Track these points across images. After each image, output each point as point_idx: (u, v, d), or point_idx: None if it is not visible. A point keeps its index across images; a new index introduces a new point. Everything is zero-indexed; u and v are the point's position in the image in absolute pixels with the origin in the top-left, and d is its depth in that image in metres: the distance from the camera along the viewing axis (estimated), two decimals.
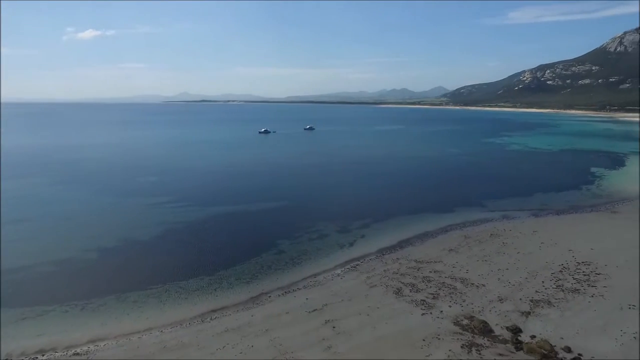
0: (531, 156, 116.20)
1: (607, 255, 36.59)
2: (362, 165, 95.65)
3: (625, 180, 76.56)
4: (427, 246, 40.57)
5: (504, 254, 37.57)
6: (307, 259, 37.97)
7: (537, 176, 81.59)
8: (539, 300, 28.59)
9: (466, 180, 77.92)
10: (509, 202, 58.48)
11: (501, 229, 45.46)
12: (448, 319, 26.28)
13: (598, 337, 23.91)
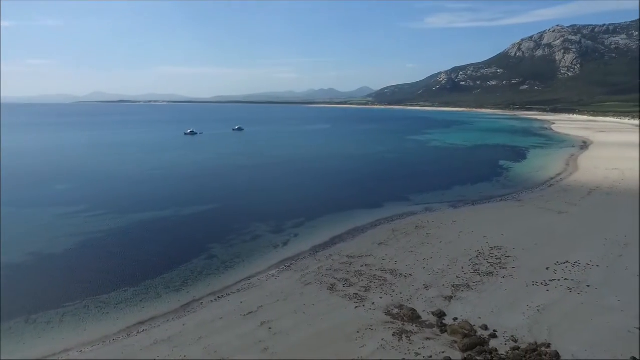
0: (449, 152, 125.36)
1: (514, 239, 40.70)
2: (293, 165, 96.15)
3: (527, 171, 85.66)
4: (358, 241, 41.92)
5: (428, 244, 40.08)
6: (240, 262, 37.28)
7: (454, 170, 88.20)
8: (460, 284, 30.98)
9: (392, 176, 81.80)
10: (431, 196, 62.50)
11: (425, 220, 48.42)
12: (380, 309, 27.43)
13: (509, 313, 26.53)
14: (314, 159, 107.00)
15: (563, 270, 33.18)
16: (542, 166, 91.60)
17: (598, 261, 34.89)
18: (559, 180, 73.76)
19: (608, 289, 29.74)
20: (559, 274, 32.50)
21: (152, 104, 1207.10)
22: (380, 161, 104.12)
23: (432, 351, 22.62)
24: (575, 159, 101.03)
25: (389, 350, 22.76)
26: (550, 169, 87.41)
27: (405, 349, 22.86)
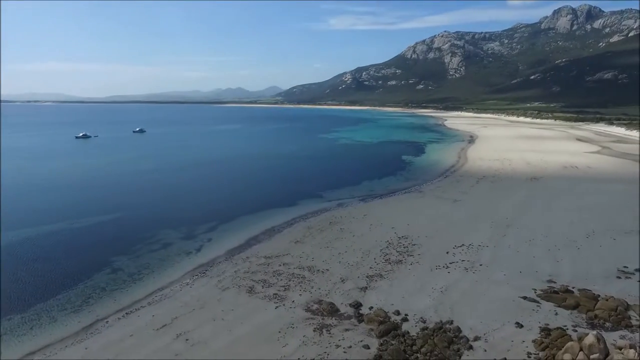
0: (357, 148, 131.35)
1: (419, 228, 44.19)
2: (203, 167, 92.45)
3: (426, 165, 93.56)
4: (274, 241, 41.87)
5: (342, 238, 41.61)
6: (149, 273, 34.82)
7: (363, 166, 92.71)
8: (373, 275, 32.73)
9: (305, 174, 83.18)
10: (342, 192, 64.88)
11: (338, 216, 50.14)
12: (300, 307, 27.79)
13: (417, 297, 28.79)
14: (225, 160, 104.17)
15: (460, 253, 36.94)
16: (438, 159, 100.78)
17: (487, 242, 39.53)
18: (453, 172, 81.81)
19: (496, 266, 33.87)
20: (457, 256, 36.11)
21: (34, 104, 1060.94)
22: (293, 160, 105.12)
23: (351, 341, 23.60)
24: (464, 152, 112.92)
25: (311, 346, 23.20)
26: (445, 161, 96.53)
27: (326, 343, 23.50)
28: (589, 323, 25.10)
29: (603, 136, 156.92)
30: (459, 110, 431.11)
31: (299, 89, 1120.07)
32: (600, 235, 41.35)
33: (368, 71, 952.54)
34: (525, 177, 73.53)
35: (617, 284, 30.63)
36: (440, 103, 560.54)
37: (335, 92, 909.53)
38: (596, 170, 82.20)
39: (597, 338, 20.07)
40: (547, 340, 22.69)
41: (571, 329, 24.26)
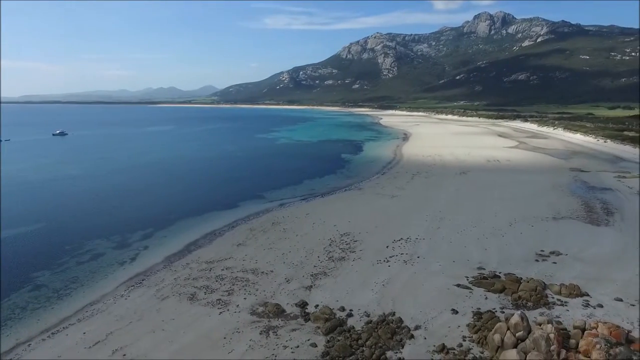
0: (297, 148, 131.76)
1: (359, 224, 45.40)
2: (134, 171, 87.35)
3: (364, 162, 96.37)
4: (216, 245, 40.75)
5: (286, 238, 41.55)
6: (78, 287, 32.23)
7: (303, 165, 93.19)
8: (317, 273, 33.09)
9: (245, 175, 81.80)
10: (284, 191, 64.75)
11: (280, 216, 49.97)
12: (245, 311, 27.34)
13: (361, 292, 29.60)
14: (159, 163, 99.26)
15: (399, 246, 38.55)
16: (376, 157, 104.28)
17: (423, 235, 41.65)
18: (390, 168, 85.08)
19: (432, 257, 35.82)
20: (396, 250, 37.64)
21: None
22: (231, 161, 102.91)
23: (298, 341, 23.69)
24: (400, 149, 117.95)
25: (258, 349, 22.94)
26: (382, 159, 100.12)
27: (274, 344, 23.37)
28: (514, 304, 27.45)
29: (519, 132, 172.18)
30: (393, 109, 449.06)
31: (236, 88, 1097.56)
32: (520, 223, 45.34)
33: (305, 71, 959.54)
34: (454, 172, 78.47)
35: (535, 266, 33.82)
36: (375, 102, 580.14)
37: (273, 91, 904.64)
38: (515, 163, 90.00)
39: (521, 317, 22.03)
40: (479, 323, 24.48)
41: (499, 311, 26.37)
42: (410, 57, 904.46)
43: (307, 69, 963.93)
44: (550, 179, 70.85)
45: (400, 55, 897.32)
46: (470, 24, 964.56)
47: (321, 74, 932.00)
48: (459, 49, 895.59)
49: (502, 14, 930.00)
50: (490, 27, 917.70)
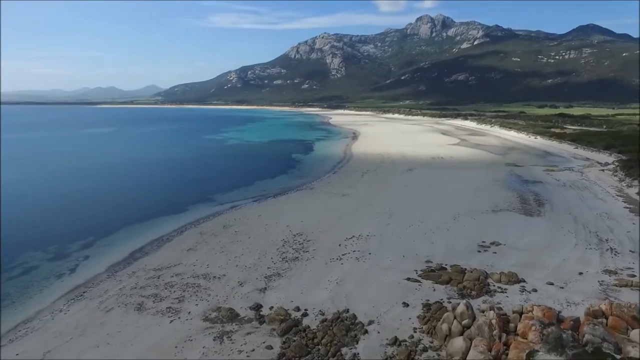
0: (247, 148, 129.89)
1: (312, 224, 45.67)
2: (70, 177, 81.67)
3: (315, 162, 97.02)
4: (164, 251, 39.20)
5: (238, 241, 40.87)
6: (9, 305, 29.61)
7: (254, 166, 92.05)
8: (271, 274, 32.89)
9: (194, 178, 79.29)
10: (235, 193, 63.59)
11: (232, 219, 49.04)
12: (197, 317, 26.57)
13: (315, 291, 29.83)
14: (98, 167, 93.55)
15: (351, 244, 39.26)
16: (327, 156, 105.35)
17: (374, 232, 42.72)
18: (340, 167, 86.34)
19: (383, 253, 36.86)
20: (348, 248, 38.31)
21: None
22: (179, 163, 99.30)
23: (254, 344, 23.42)
24: (349, 147, 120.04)
25: (212, 356, 22.41)
26: (333, 158, 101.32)
27: (228, 350, 22.94)
28: (459, 294, 28.97)
29: (461, 130, 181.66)
30: (342, 109, 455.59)
31: (182, 88, 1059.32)
32: (463, 216, 47.87)
33: (253, 70, 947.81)
34: (402, 169, 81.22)
35: (478, 257, 35.90)
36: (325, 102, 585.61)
37: (220, 91, 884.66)
38: (457, 159, 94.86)
39: (466, 306, 23.30)
40: (429, 314, 25.58)
41: (446, 301, 27.71)
42: (358, 58, 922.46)
43: (256, 69, 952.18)
44: (489, 174, 75.43)
45: (347, 55, 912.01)
46: (413, 26, 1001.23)
47: (270, 74, 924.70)
48: (404, 50, 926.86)
49: (442, 17, 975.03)
50: (432, 29, 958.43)
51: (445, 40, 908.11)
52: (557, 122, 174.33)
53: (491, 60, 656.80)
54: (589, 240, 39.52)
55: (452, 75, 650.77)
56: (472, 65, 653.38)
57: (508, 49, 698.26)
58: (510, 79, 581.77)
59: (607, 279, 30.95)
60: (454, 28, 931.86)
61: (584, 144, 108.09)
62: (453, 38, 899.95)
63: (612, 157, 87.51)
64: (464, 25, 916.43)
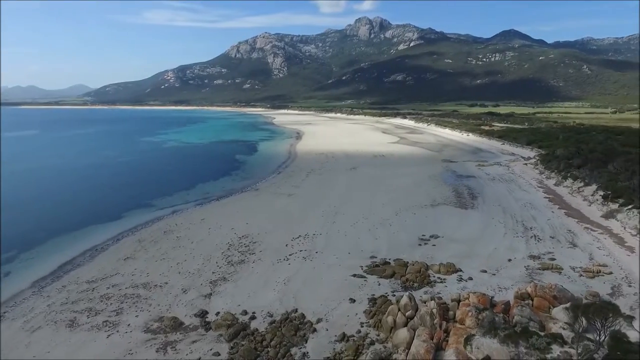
0: (188, 151, 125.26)
1: (258, 225, 45.14)
2: None
3: (260, 163, 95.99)
4: (98, 262, 36.71)
5: (180, 247, 39.33)
6: None
7: (196, 168, 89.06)
8: (217, 279, 32.04)
9: (131, 182, 75.02)
10: (176, 197, 61.06)
11: (173, 224, 47.08)
12: (138, 329, 25.21)
13: (263, 293, 29.53)
14: (19, 173, 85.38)
15: (298, 243, 39.34)
16: (271, 156, 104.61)
17: (320, 230, 43.15)
18: (285, 168, 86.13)
19: (329, 251, 37.35)
20: (295, 247, 38.35)
21: None
22: (114, 168, 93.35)
23: (200, 352, 22.69)
24: (294, 147, 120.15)
25: None
26: (277, 158, 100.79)
27: None
28: (403, 286, 30.13)
29: (400, 128, 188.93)
30: (286, 108, 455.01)
31: (114, 88, 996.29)
32: (404, 212, 49.84)
33: (192, 70, 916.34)
34: (345, 168, 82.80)
35: (419, 250, 37.57)
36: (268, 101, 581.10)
37: (157, 91, 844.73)
38: (397, 157, 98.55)
39: (409, 298, 24.32)
40: (374, 308, 26.36)
41: (391, 294, 28.70)
42: (299, 58, 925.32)
43: (195, 68, 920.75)
44: (427, 170, 79.19)
45: (289, 55, 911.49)
46: (352, 27, 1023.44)
47: (210, 73, 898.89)
48: (344, 50, 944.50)
49: (380, 19, 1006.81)
50: (370, 31, 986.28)
51: (383, 41, 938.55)
52: (486, 120, 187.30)
53: (426, 61, 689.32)
54: (516, 229, 42.91)
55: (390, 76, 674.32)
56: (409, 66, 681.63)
57: (441, 50, 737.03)
58: (443, 79, 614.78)
59: (532, 263, 33.82)
60: (390, 30, 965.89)
61: (510, 140, 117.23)
62: (390, 40, 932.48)
63: (533, 152, 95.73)
64: (400, 27, 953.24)
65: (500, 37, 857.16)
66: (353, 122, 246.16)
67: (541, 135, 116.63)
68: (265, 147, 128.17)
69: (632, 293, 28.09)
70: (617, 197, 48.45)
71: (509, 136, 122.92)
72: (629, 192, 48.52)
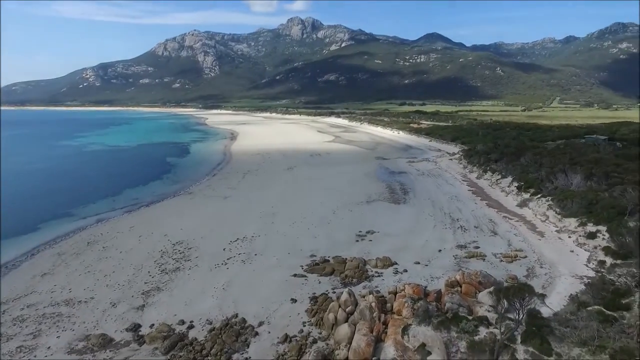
0: (113, 154, 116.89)
1: (193, 230, 43.44)
2: None
3: (193, 165, 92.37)
4: (9, 281, 32.97)
5: (107, 258, 36.65)
6: None
7: (122, 173, 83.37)
8: (150, 289, 30.31)
9: (47, 191, 68.27)
10: (100, 205, 56.70)
11: (98, 234, 43.72)
12: (60, 351, 23.08)
13: (201, 300, 28.49)
14: None
15: (236, 247, 38.51)
16: (205, 158, 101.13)
17: (259, 232, 42.61)
18: (220, 169, 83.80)
19: (269, 252, 37.03)
20: (233, 251, 37.49)
21: None
22: (26, 176, 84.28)
23: None
24: (229, 148, 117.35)
25: None
26: (211, 160, 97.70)
27: None
28: (342, 283, 30.75)
29: (334, 127, 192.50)
30: (219, 109, 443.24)
31: (22, 86, 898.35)
32: (342, 209, 50.90)
33: (115, 68, 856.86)
34: (282, 168, 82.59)
35: (356, 246, 38.58)
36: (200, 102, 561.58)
37: (75, 91, 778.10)
38: (333, 156, 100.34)
39: (349, 294, 24.87)
40: (316, 307, 26.61)
41: (331, 291, 29.16)
42: (232, 57, 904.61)
43: (118, 66, 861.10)
44: (362, 167, 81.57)
45: (221, 54, 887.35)
46: (284, 26, 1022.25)
47: (135, 72, 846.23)
48: (277, 50, 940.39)
49: (312, 20, 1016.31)
50: (303, 31, 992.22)
51: (316, 41, 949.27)
52: (414, 118, 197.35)
53: (358, 62, 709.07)
54: (444, 221, 45.73)
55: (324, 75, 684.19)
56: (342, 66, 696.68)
57: (371, 51, 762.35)
58: (375, 79, 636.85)
59: (459, 252, 36.27)
60: (322, 30, 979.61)
61: (436, 137, 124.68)
62: (323, 40, 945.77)
63: (457, 148, 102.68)
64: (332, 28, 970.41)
65: (425, 39, 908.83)
66: (288, 121, 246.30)
67: (463, 132, 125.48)
68: (199, 148, 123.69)
69: (544, 273, 31.27)
70: (529, 188, 53.67)
71: (436, 133, 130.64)
72: (538, 182, 53.98)
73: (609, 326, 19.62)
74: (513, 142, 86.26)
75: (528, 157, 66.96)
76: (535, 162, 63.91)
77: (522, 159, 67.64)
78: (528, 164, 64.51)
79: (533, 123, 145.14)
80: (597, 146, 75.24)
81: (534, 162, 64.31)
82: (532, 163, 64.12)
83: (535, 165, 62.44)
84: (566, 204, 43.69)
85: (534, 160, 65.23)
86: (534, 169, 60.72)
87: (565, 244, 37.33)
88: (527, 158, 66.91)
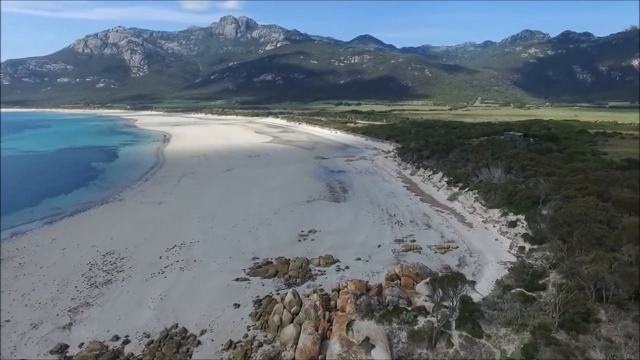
0: (29, 160, 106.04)
1: (125, 239, 40.83)
2: None
3: (122, 169, 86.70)
4: None
5: (25, 275, 33.24)
6: None
7: (41, 181, 76.00)
8: (77, 306, 28.02)
9: None
10: (15, 217, 51.20)
11: (13, 249, 39.48)
12: None
13: (136, 313, 26.89)
14: None
15: (174, 254, 36.85)
16: (136, 162, 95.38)
17: (197, 237, 41.13)
18: (153, 174, 79.59)
19: (209, 258, 35.91)
20: (171, 258, 35.84)
21: None
22: None
23: None
24: (162, 151, 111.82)
25: None
26: (143, 164, 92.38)
27: None
28: (286, 284, 30.70)
29: (272, 127, 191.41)
30: (150, 110, 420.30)
31: None
32: (283, 210, 50.78)
33: (27, 65, 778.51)
34: (220, 170, 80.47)
35: (299, 246, 38.72)
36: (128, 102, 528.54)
37: None
38: (272, 156, 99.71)
39: (293, 294, 24.90)
40: (260, 310, 26.30)
41: (275, 293, 28.99)
42: (162, 55, 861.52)
43: (30, 63, 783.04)
44: (301, 167, 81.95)
45: (149, 52, 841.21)
46: (217, 25, 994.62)
47: (52, 70, 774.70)
48: (210, 49, 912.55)
49: (246, 19, 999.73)
50: (237, 30, 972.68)
51: (251, 41, 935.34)
52: (351, 118, 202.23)
53: (294, 61, 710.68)
54: (382, 217, 47.43)
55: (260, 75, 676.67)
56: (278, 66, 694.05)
57: (307, 51, 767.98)
58: (311, 79, 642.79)
59: (397, 247, 37.83)
60: (257, 30, 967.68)
61: (372, 136, 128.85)
62: (257, 40, 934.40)
63: (392, 146, 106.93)
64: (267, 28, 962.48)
65: (358, 40, 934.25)
66: (225, 122, 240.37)
67: (397, 130, 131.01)
68: (128, 152, 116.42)
69: (473, 262, 33.65)
70: (457, 182, 57.43)
71: (371, 132, 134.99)
72: (465, 177, 57.96)
73: (529, 305, 21.65)
74: (442, 139, 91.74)
75: (456, 154, 71.59)
76: (462, 158, 68.52)
77: (450, 155, 72.16)
78: (456, 159, 68.98)
79: (459, 121, 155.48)
80: (514, 142, 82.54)
81: (461, 157, 68.93)
82: (460, 159, 68.68)
83: (462, 161, 66.94)
84: (490, 196, 47.40)
85: (461, 156, 69.89)
86: (461, 165, 65.06)
87: (490, 233, 40.46)
88: (455, 154, 71.51)
